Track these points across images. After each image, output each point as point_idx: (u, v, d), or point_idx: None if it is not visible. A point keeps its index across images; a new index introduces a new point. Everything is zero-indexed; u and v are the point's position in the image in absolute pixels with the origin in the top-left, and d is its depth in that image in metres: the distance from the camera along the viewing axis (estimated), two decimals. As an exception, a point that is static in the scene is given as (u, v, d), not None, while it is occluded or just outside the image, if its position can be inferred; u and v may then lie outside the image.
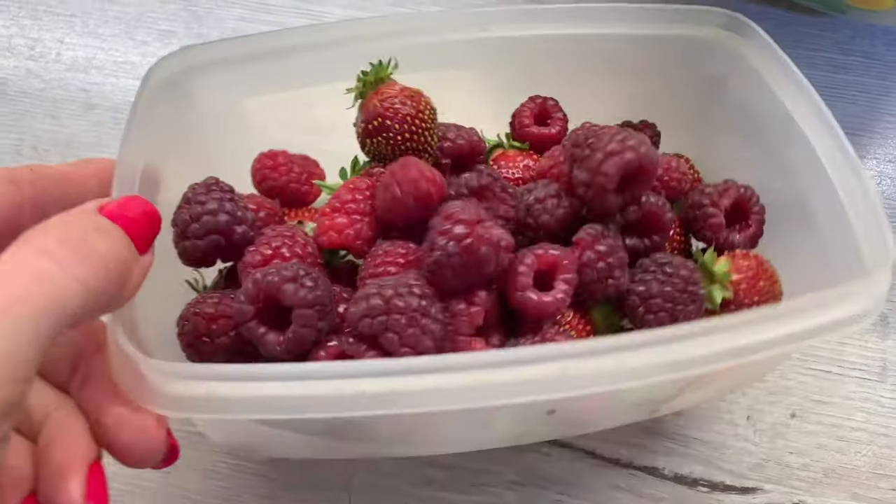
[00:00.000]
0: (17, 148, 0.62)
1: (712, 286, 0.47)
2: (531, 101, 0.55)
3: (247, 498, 0.54)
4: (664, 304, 0.43)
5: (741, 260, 0.48)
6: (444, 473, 0.55)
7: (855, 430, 0.57)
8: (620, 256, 0.44)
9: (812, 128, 0.45)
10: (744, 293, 0.47)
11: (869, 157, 0.66)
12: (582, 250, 0.43)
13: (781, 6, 0.71)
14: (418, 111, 0.46)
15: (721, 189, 0.49)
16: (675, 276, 0.44)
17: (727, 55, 0.49)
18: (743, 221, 0.50)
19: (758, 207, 0.50)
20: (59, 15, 0.67)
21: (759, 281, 0.47)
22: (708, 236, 0.49)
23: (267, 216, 0.49)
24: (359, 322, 0.37)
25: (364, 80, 0.47)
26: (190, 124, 0.49)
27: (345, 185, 0.47)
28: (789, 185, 0.48)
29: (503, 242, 0.39)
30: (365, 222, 0.45)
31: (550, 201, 0.45)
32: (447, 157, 0.50)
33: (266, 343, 0.38)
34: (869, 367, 0.60)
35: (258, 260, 0.42)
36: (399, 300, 0.37)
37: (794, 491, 0.55)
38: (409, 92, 0.46)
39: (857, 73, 0.69)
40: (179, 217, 0.43)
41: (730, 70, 0.50)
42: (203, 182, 0.44)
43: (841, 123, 0.67)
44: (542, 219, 0.45)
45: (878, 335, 0.61)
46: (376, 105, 0.46)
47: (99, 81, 0.65)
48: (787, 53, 0.69)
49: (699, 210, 0.49)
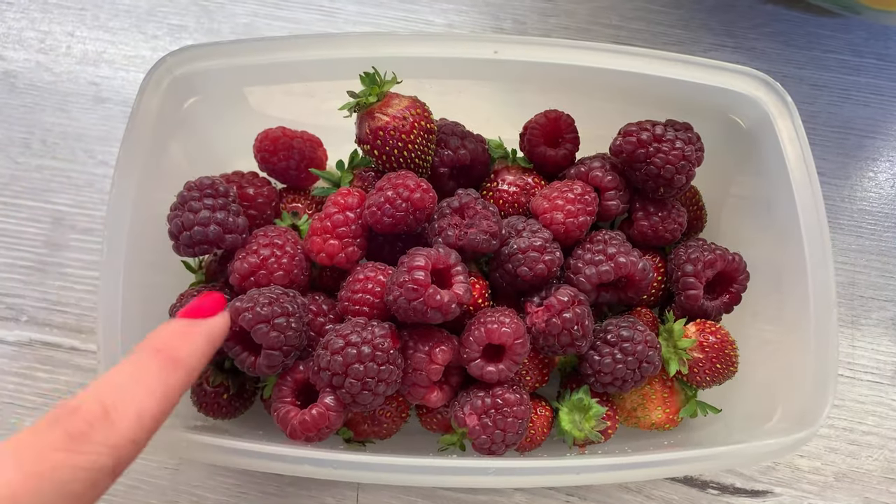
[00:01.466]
0: (27, 141, 0.61)
1: (672, 356, 0.48)
2: (545, 115, 0.52)
3: (254, 495, 0.54)
4: (613, 380, 0.46)
5: (709, 335, 0.48)
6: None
7: (866, 434, 0.57)
8: (586, 325, 0.45)
9: (803, 206, 0.46)
10: (698, 370, 0.48)
11: (882, 159, 0.66)
12: (550, 316, 0.44)
13: (796, 7, 0.71)
14: (408, 141, 0.46)
15: (708, 261, 0.48)
16: (631, 353, 0.45)
17: (755, 110, 0.49)
18: (724, 291, 0.50)
19: (742, 276, 0.49)
20: (69, 8, 0.67)
21: (716, 363, 0.47)
22: (683, 304, 0.49)
23: (263, 203, 0.51)
24: (321, 370, 0.41)
25: (361, 96, 0.46)
26: (193, 108, 0.50)
27: (336, 198, 0.47)
28: (771, 251, 0.49)
29: (453, 305, 0.41)
30: (355, 244, 0.46)
31: (532, 254, 0.45)
32: (446, 167, 0.50)
33: (240, 361, 0.42)
34: (881, 370, 0.59)
35: (245, 269, 0.45)
36: (358, 365, 0.40)
37: (805, 495, 0.55)
38: (403, 114, 0.46)
39: (871, 74, 0.68)
40: (173, 222, 0.44)
41: (755, 125, 0.49)
42: (198, 182, 0.45)
43: (853, 125, 0.67)
44: (521, 270, 0.46)
45: (890, 339, 0.60)
46: (367, 133, 0.46)
47: (109, 75, 0.64)
48: (800, 55, 0.69)
49: (681, 276, 0.49)
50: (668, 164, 0.47)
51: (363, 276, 0.45)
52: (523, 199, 0.51)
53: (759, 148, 0.49)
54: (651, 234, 0.50)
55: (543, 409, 0.48)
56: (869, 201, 0.64)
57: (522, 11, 0.69)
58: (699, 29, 0.69)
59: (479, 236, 0.44)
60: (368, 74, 0.46)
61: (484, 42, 0.48)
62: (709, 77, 0.48)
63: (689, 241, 0.51)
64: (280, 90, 0.53)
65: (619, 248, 0.47)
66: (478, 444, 0.43)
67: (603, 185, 0.49)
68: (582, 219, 0.48)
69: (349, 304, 0.45)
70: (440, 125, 0.50)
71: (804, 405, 0.42)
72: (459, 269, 0.43)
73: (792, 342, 0.46)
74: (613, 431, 0.48)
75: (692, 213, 0.55)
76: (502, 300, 0.49)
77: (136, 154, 0.45)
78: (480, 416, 0.43)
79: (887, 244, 0.63)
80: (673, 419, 0.49)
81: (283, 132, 0.52)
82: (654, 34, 0.69)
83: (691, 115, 0.49)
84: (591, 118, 0.52)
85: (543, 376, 0.49)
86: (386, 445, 0.50)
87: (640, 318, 0.51)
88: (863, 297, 0.61)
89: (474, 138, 0.51)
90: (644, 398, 0.49)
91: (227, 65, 0.48)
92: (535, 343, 0.45)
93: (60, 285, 0.59)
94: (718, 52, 0.69)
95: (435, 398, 0.44)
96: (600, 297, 0.49)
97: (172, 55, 0.46)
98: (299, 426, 0.41)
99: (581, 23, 0.69)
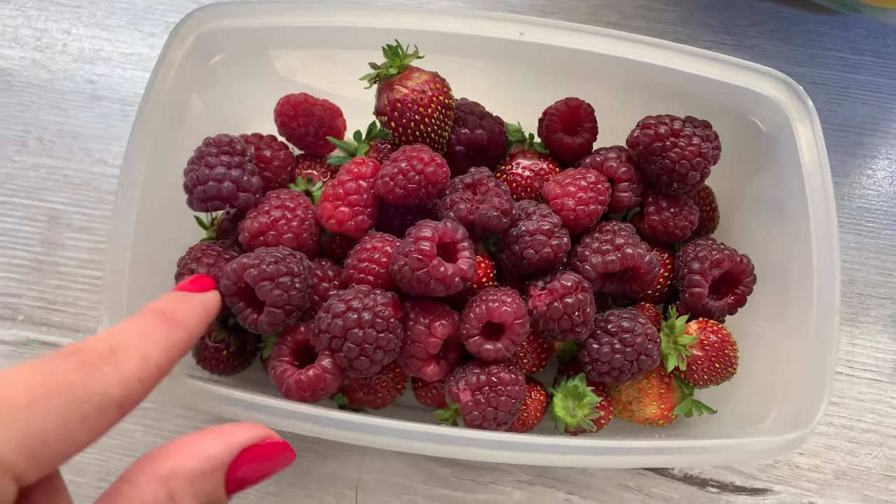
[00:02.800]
0: (23, 139, 0.61)
1: (671, 351, 0.48)
2: (565, 103, 0.52)
3: (252, 495, 0.53)
4: (610, 370, 0.45)
5: (710, 333, 0.47)
6: (451, 470, 0.54)
7: (866, 432, 0.57)
8: (587, 313, 0.45)
9: (816, 206, 0.46)
10: (697, 368, 0.47)
11: (881, 156, 0.65)
12: (552, 300, 0.44)
13: (796, 5, 0.70)
14: (425, 115, 0.46)
15: (716, 260, 0.48)
16: (630, 345, 0.45)
17: (775, 113, 0.48)
18: (729, 292, 0.49)
19: (749, 279, 0.49)
20: (65, 6, 0.66)
21: (715, 362, 0.47)
22: (687, 301, 0.49)
23: (279, 166, 0.51)
24: (321, 333, 0.42)
25: (382, 68, 0.46)
26: (218, 66, 0.50)
27: (350, 167, 0.47)
28: (780, 254, 0.49)
29: (456, 279, 0.41)
30: (366, 213, 0.46)
31: (539, 237, 0.45)
32: (462, 146, 0.50)
33: (243, 318, 0.42)
34: (880, 368, 0.58)
35: (255, 228, 0.45)
36: (358, 330, 0.40)
37: (804, 492, 0.55)
38: (422, 88, 0.46)
39: (870, 72, 0.68)
40: (188, 175, 0.45)
41: (774, 128, 0.49)
42: (216, 139, 0.45)
43: (852, 123, 0.67)
44: (527, 253, 0.46)
45: (889, 336, 0.59)
46: (385, 104, 0.46)
47: (106, 73, 0.64)
48: (799, 53, 0.69)
49: (687, 274, 0.49)
50: (683, 159, 0.47)
51: (370, 246, 0.45)
52: (537, 185, 0.52)
53: (778, 152, 0.49)
54: (661, 229, 0.50)
55: (538, 393, 0.48)
56: (868, 199, 0.64)
57: (521, 8, 0.69)
58: (698, 26, 0.69)
59: (490, 212, 0.44)
60: (391, 47, 0.46)
61: (510, 23, 0.48)
62: (732, 76, 0.48)
63: (698, 239, 0.51)
64: (305, 56, 0.53)
65: (627, 240, 0.47)
66: (469, 419, 0.43)
67: (617, 175, 0.49)
68: (593, 207, 0.48)
69: (355, 272, 0.45)
70: (459, 104, 0.51)
71: (800, 407, 0.42)
72: (466, 245, 0.43)
73: (792, 345, 0.46)
74: (606, 422, 0.48)
75: (705, 213, 0.55)
76: (507, 282, 0.49)
77: (156, 104, 0.45)
78: (474, 393, 0.43)
79: (886, 241, 0.63)
80: (667, 416, 0.49)
81: (305, 98, 0.52)
82: (653, 32, 0.69)
83: (712, 114, 0.49)
84: (612, 110, 0.52)
85: (541, 360, 0.49)
86: (378, 415, 0.50)
87: (643, 311, 0.50)
88: (862, 294, 0.61)
89: (492, 119, 0.51)
90: (640, 392, 0.49)
91: (253, 24, 0.48)
92: (535, 326, 0.45)
93: (57, 284, 0.59)
94: (718, 50, 0.68)
95: (431, 372, 0.45)
96: (605, 288, 0.49)
97: (201, 10, 0.46)
98: (295, 385, 0.41)
99: (580, 20, 0.69)
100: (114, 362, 0.27)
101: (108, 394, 0.25)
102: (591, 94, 0.52)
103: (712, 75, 0.48)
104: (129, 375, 0.27)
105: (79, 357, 0.26)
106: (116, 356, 0.27)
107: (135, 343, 0.29)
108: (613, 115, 0.52)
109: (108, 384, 0.26)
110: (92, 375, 0.25)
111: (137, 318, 0.32)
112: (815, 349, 0.43)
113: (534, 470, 0.54)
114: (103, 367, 0.26)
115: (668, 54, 0.48)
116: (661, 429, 0.51)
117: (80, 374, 0.25)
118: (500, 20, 0.48)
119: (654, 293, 0.52)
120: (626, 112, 0.50)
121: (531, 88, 0.54)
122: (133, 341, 0.29)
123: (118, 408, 0.26)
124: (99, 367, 0.26)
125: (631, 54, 0.48)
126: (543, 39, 0.48)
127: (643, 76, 0.49)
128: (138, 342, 0.29)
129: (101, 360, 0.27)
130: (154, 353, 0.29)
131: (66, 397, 0.24)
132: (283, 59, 0.54)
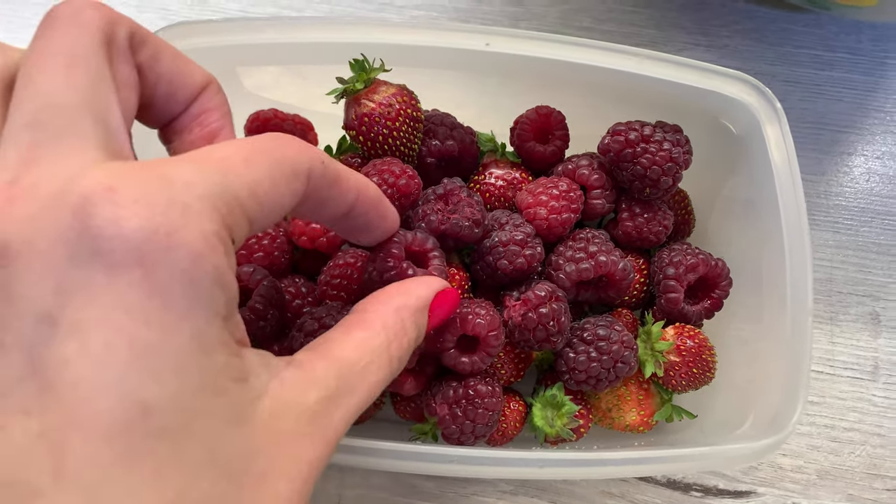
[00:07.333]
0: None
1: (648, 357, 0.47)
2: (536, 111, 0.52)
3: None
4: (588, 378, 0.45)
5: (687, 339, 0.47)
6: (434, 483, 0.54)
7: (848, 431, 0.57)
8: (562, 322, 0.44)
9: (787, 205, 0.46)
10: (675, 374, 0.47)
11: (856, 154, 0.66)
12: (526, 310, 0.44)
13: (767, 4, 0.71)
14: (393, 128, 0.46)
15: (691, 265, 0.48)
16: (607, 353, 0.45)
17: (746, 116, 0.48)
18: (706, 296, 0.49)
19: (724, 283, 0.49)
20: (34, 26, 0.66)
21: (692, 367, 0.47)
22: (664, 306, 0.49)
23: None
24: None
25: (349, 83, 0.46)
26: None
27: None
28: (754, 254, 0.49)
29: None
30: None
31: (513, 248, 0.45)
32: (433, 157, 0.49)
33: None
34: (861, 366, 0.58)
35: None
36: None
37: (789, 493, 0.55)
38: (389, 101, 0.45)
39: (844, 69, 0.68)
40: None
41: (745, 130, 0.49)
42: None
43: (827, 121, 0.67)
44: (500, 264, 0.45)
45: (869, 334, 0.59)
46: (353, 118, 0.46)
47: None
48: (772, 51, 0.69)
49: (662, 279, 0.48)
50: (654, 164, 0.47)
51: (343, 262, 0.45)
52: (510, 194, 0.51)
53: (749, 154, 0.49)
54: (636, 235, 0.50)
55: (517, 403, 0.48)
56: (845, 196, 0.64)
57: (493, 16, 0.69)
58: (671, 28, 0.69)
59: (461, 222, 0.44)
60: (357, 61, 0.45)
61: (475, 34, 0.48)
62: (702, 80, 0.48)
63: (673, 244, 0.51)
64: (275, 71, 0.53)
65: (600, 247, 0.47)
66: (447, 433, 0.43)
67: (589, 183, 0.49)
68: (565, 216, 0.48)
69: (328, 288, 0.45)
70: (429, 115, 0.50)
71: (777, 408, 0.42)
72: (436, 255, 0.42)
73: (768, 346, 0.46)
74: (586, 430, 0.48)
75: (680, 217, 0.55)
76: (483, 294, 0.49)
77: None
78: (451, 406, 0.43)
79: (864, 239, 0.63)
80: (647, 422, 0.49)
81: (274, 114, 0.52)
82: (626, 35, 0.69)
83: (683, 118, 0.49)
84: (583, 116, 0.52)
85: (519, 371, 0.49)
86: (358, 431, 0.49)
87: (620, 318, 0.50)
88: (841, 292, 0.61)
89: (463, 130, 0.51)
90: (619, 399, 0.49)
91: (218, 42, 0.47)
92: (510, 337, 0.45)
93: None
94: (692, 51, 0.69)
95: (409, 386, 0.44)
96: (580, 296, 0.49)
97: (166, 29, 0.46)
98: None
99: (552, 26, 0.69)
100: (298, 140, 0.30)
101: (298, 160, 0.28)
102: (562, 101, 0.52)
103: (682, 80, 0.48)
104: (311, 149, 0.30)
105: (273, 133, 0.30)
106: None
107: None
108: (585, 122, 0.52)
109: (297, 152, 0.29)
110: (286, 145, 0.28)
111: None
112: (790, 349, 0.43)
113: (516, 480, 0.54)
114: (291, 141, 0.29)
115: (636, 60, 0.48)
116: (643, 435, 0.51)
117: (275, 143, 0.28)
118: (465, 31, 0.48)
119: (631, 299, 0.52)
120: (597, 118, 0.50)
121: (503, 96, 0.54)
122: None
123: (306, 175, 0.29)
124: (288, 142, 0.29)
125: (599, 61, 0.48)
126: (510, 49, 0.47)
127: (613, 82, 0.49)
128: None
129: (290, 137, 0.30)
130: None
131: (268, 158, 0.27)
132: (252, 75, 0.53)
